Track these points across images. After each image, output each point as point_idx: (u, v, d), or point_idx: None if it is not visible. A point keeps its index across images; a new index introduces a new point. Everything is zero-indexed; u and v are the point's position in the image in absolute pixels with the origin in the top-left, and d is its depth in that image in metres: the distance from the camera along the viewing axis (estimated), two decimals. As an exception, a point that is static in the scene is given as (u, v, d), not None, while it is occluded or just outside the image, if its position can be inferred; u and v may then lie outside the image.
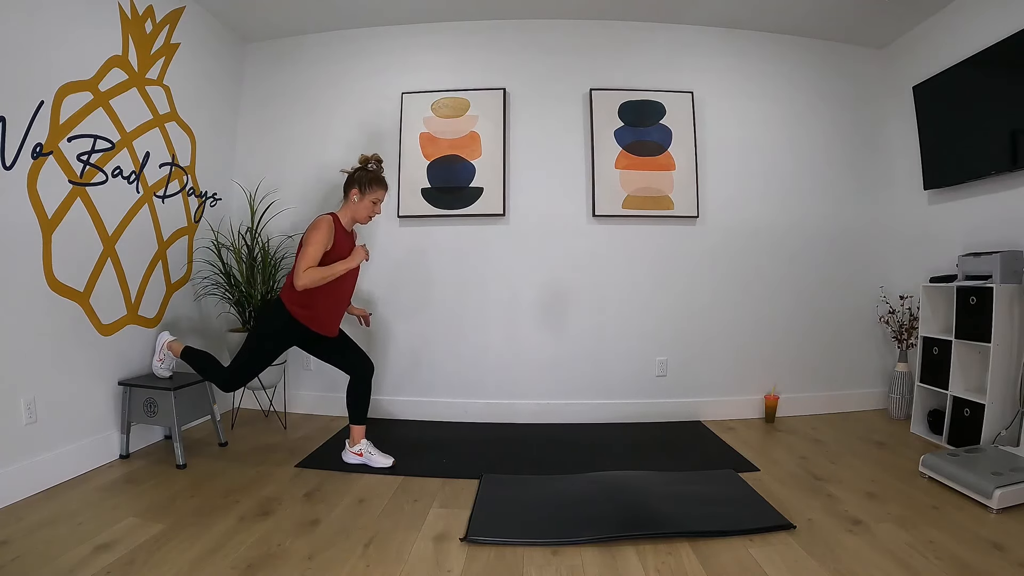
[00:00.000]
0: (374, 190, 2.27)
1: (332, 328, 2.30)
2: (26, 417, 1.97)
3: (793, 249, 3.18)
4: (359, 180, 2.26)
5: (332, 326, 2.30)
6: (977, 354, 2.49)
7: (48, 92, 2.03)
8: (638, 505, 1.88)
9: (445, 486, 2.13)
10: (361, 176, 2.27)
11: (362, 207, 2.27)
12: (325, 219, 2.18)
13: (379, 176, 2.31)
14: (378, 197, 2.29)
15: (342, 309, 2.34)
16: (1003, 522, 1.76)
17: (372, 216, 2.31)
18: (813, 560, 1.54)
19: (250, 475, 2.21)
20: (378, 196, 2.29)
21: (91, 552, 1.57)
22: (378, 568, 1.53)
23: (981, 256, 2.45)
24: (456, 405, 3.09)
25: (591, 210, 3.08)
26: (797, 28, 3.15)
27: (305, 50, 3.25)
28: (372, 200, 2.27)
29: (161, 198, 2.67)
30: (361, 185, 2.25)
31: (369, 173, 2.28)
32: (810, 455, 2.46)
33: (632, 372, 3.10)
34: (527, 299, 3.11)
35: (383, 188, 2.31)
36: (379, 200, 2.30)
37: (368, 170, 2.30)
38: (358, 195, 2.26)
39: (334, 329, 2.32)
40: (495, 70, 3.15)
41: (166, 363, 2.44)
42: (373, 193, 2.27)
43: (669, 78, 3.15)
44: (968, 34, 2.68)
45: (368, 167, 2.32)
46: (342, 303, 2.31)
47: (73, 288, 2.18)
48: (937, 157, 2.87)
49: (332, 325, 2.30)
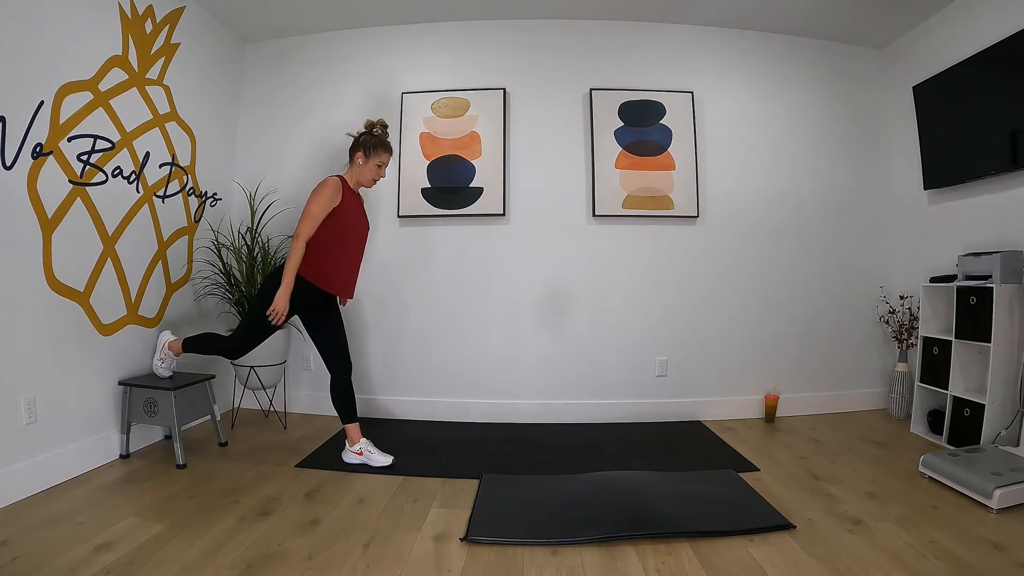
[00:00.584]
0: (379, 153, 2.30)
1: (340, 287, 2.31)
2: (26, 417, 1.97)
3: (793, 249, 3.18)
4: (364, 144, 2.30)
5: (340, 285, 2.30)
6: (977, 354, 2.49)
7: (48, 92, 2.03)
8: (638, 505, 1.88)
9: (445, 486, 2.13)
10: (366, 140, 2.30)
11: (367, 170, 2.30)
12: (332, 179, 2.22)
13: (384, 140, 2.34)
14: (382, 160, 2.32)
15: (350, 272, 2.34)
16: (1003, 522, 1.76)
17: (376, 180, 2.35)
18: (813, 560, 1.54)
19: (250, 475, 2.21)
20: (382, 160, 2.32)
21: (91, 552, 1.57)
22: (378, 568, 1.53)
23: (981, 256, 2.45)
24: (456, 405, 3.09)
25: (591, 210, 3.08)
26: (797, 28, 3.15)
27: (305, 50, 3.25)
28: (377, 163, 2.31)
29: (161, 198, 2.67)
30: (366, 148, 2.29)
31: (374, 137, 2.32)
32: (810, 455, 2.46)
33: (632, 372, 3.10)
34: (527, 299, 3.11)
35: (388, 152, 2.34)
36: (384, 164, 2.33)
37: (373, 134, 2.33)
38: (363, 159, 2.29)
39: (343, 289, 2.32)
40: (495, 70, 3.15)
41: (166, 363, 2.44)
42: (377, 157, 2.30)
43: (669, 78, 3.15)
44: (968, 34, 2.68)
45: (373, 131, 2.34)
46: (349, 266, 2.33)
47: (73, 288, 2.18)
48: (937, 157, 2.87)
49: (340, 283, 2.30)
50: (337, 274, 2.27)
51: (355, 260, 2.35)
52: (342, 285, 2.31)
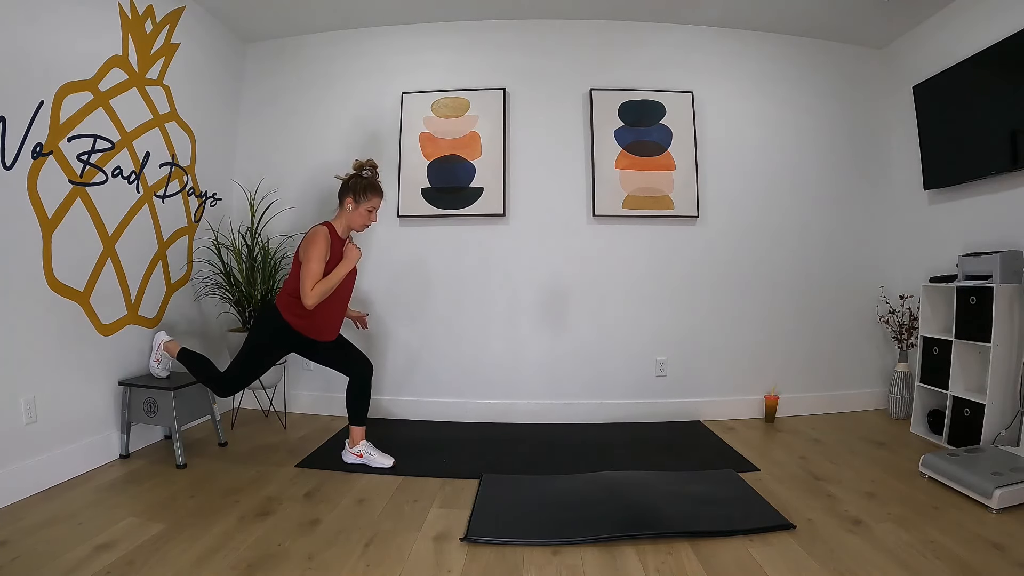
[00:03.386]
0: (369, 198, 2.20)
1: (331, 333, 2.28)
2: (26, 417, 1.97)
3: (793, 249, 3.18)
4: (353, 188, 2.20)
5: (330, 331, 2.27)
6: (977, 354, 2.49)
7: (48, 92, 2.03)
8: (638, 505, 1.88)
9: (445, 486, 2.13)
10: (356, 183, 2.20)
11: (357, 216, 2.21)
12: (321, 230, 2.13)
13: (374, 183, 2.23)
14: (373, 205, 2.22)
15: (341, 314, 2.30)
16: (1003, 522, 1.76)
17: (368, 224, 2.26)
18: (813, 560, 1.54)
19: (250, 475, 2.21)
20: (373, 204, 2.22)
21: (91, 552, 1.57)
22: (378, 568, 1.53)
23: (981, 256, 2.45)
24: (456, 405, 3.09)
25: (591, 210, 3.08)
26: (797, 28, 3.15)
27: (305, 50, 3.25)
28: (367, 208, 2.21)
29: (161, 198, 2.67)
30: (356, 193, 2.19)
31: (363, 180, 2.21)
32: (810, 455, 2.46)
33: (632, 372, 3.10)
34: (527, 299, 3.10)
35: (378, 195, 2.24)
36: (375, 208, 2.23)
37: (362, 176, 2.23)
38: (352, 204, 2.20)
39: (333, 334, 2.29)
40: (495, 70, 3.15)
41: (163, 363, 2.44)
42: (368, 201, 2.20)
43: (669, 78, 3.15)
44: (968, 34, 2.68)
45: (363, 173, 2.24)
46: (340, 308, 2.28)
47: (73, 288, 2.18)
48: (937, 157, 2.87)
49: (330, 330, 2.27)
50: (325, 324, 2.23)
51: (343, 308, 2.31)
52: (329, 333, 2.27)
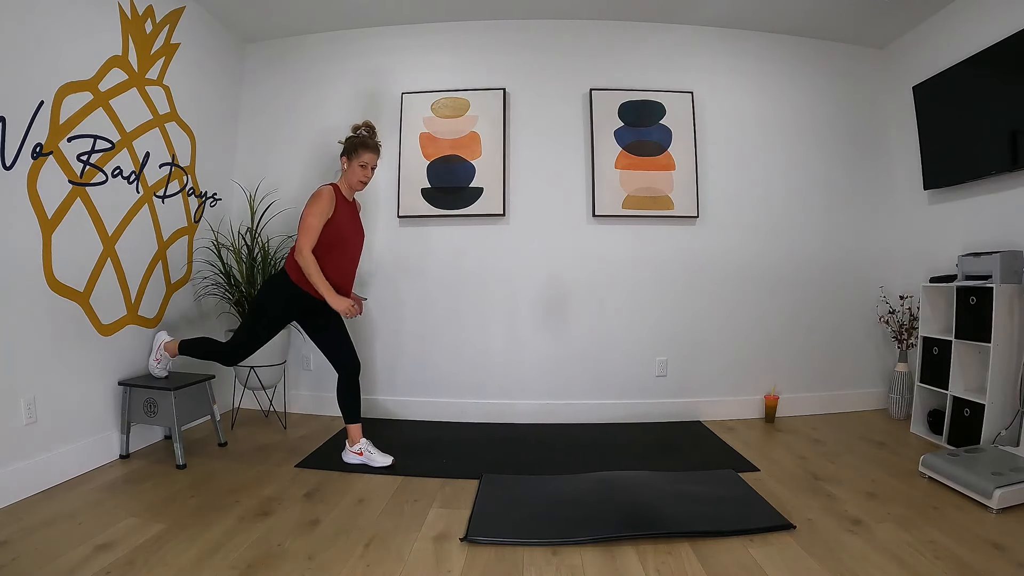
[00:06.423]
0: (359, 154, 2.29)
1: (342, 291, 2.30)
2: (26, 417, 1.97)
3: (793, 249, 3.18)
4: (347, 146, 2.31)
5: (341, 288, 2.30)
6: (977, 354, 2.49)
7: (48, 92, 2.03)
8: (638, 505, 1.88)
9: (445, 486, 2.13)
10: (348, 142, 2.32)
11: (352, 172, 2.30)
12: (326, 188, 2.23)
13: (365, 140, 2.32)
14: (364, 161, 2.29)
15: (348, 279, 2.34)
16: (1003, 522, 1.76)
17: (364, 181, 2.33)
18: (813, 560, 1.54)
19: (250, 475, 2.21)
20: (364, 160, 2.29)
21: (91, 552, 1.57)
22: (378, 568, 1.53)
23: (981, 256, 2.45)
24: (456, 405, 3.09)
25: (591, 210, 3.08)
26: (797, 28, 3.15)
27: (305, 50, 3.25)
28: (359, 164, 2.29)
29: (161, 198, 2.67)
30: (348, 151, 2.30)
31: (355, 139, 2.32)
32: (810, 455, 2.46)
33: (632, 372, 3.10)
34: (527, 299, 3.10)
35: (369, 151, 2.31)
36: (367, 164, 2.30)
37: (356, 136, 2.33)
38: (346, 162, 2.31)
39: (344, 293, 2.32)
40: (495, 70, 3.15)
41: (162, 363, 2.44)
42: (359, 157, 2.29)
43: (669, 78, 3.15)
44: (968, 34, 2.68)
45: (358, 133, 2.34)
46: (347, 274, 2.33)
47: (73, 288, 2.18)
48: (937, 157, 2.87)
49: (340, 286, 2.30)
50: (334, 278, 2.25)
51: (349, 267, 2.35)
52: (340, 288, 2.29)
